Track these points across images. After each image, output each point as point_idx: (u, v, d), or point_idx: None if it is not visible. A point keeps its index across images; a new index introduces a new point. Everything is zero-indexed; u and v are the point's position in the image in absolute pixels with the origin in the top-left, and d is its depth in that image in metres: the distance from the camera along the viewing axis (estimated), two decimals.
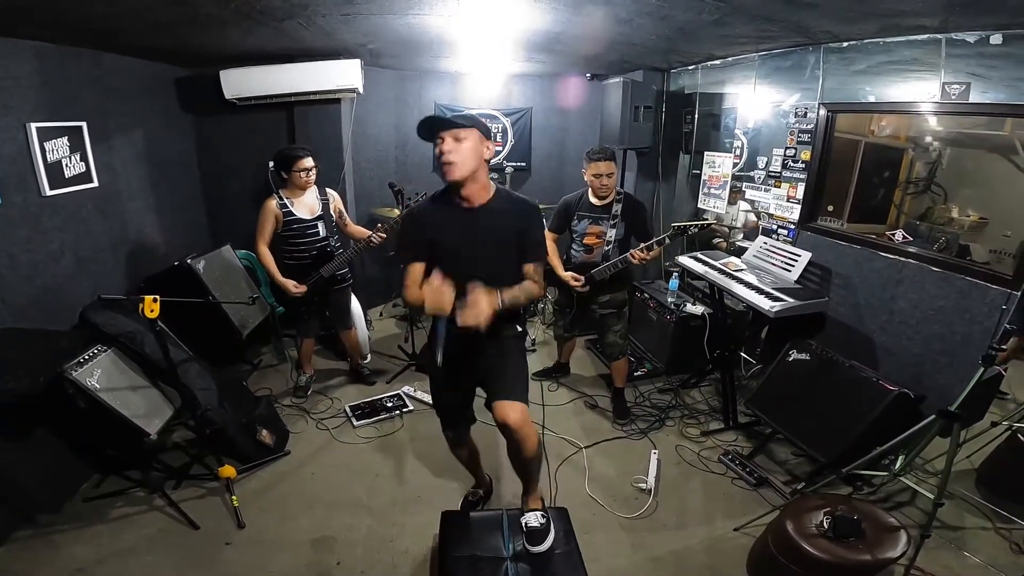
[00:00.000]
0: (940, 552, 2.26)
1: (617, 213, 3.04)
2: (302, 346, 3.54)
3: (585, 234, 3.11)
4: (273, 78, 3.70)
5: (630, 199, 3.12)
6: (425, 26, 2.88)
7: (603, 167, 2.96)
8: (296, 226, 3.14)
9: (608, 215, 3.06)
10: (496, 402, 1.90)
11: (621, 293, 3.19)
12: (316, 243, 3.21)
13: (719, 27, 2.78)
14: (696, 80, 4.20)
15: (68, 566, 2.15)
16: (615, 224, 3.04)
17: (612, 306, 3.16)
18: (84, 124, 2.97)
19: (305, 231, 3.17)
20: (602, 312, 3.17)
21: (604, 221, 3.07)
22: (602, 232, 3.07)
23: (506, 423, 1.86)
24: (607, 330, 3.21)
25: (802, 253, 3.21)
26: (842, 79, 3.02)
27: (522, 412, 1.88)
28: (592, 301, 3.16)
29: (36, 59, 2.67)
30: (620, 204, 3.05)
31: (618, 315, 3.19)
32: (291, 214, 3.12)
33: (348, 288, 3.49)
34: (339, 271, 3.30)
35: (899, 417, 2.37)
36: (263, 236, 3.09)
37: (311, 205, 3.19)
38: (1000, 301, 2.32)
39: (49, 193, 2.73)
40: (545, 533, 1.95)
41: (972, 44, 2.37)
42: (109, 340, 2.57)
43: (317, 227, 3.19)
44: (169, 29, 2.72)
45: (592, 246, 3.10)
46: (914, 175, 4.15)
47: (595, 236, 3.09)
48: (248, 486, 2.67)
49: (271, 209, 3.07)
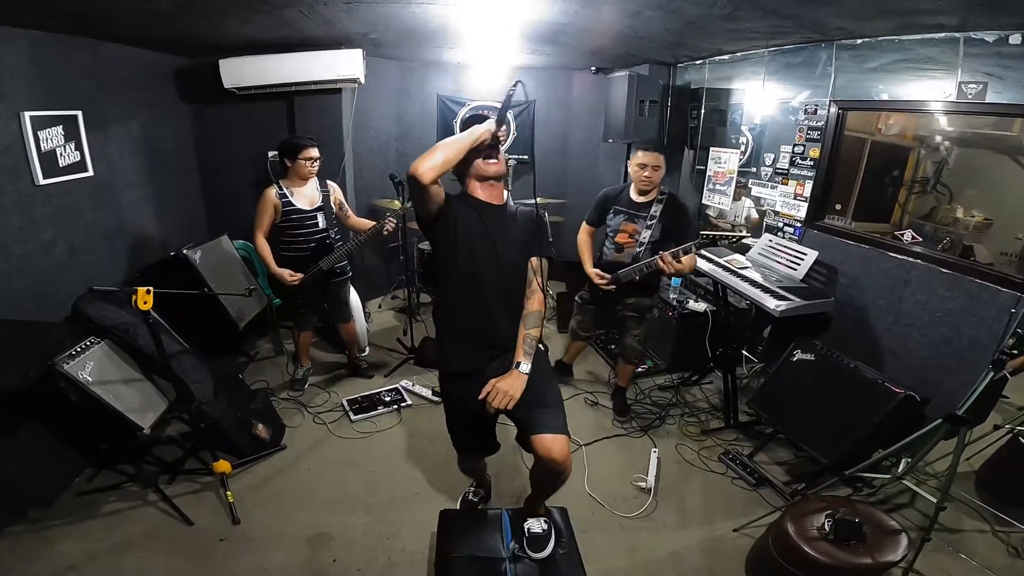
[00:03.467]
0: (938, 555, 2.24)
1: (656, 214, 2.87)
2: (299, 339, 3.50)
3: (618, 231, 2.98)
4: (273, 67, 3.64)
5: (674, 201, 2.92)
6: (428, 16, 2.82)
7: (648, 158, 2.79)
8: (295, 217, 3.10)
9: (646, 214, 2.89)
10: (539, 436, 1.77)
11: (647, 299, 3.06)
12: (315, 235, 3.17)
13: (730, 22, 2.73)
14: (703, 75, 4.15)
15: (60, 562, 2.11)
16: (651, 225, 2.87)
17: (635, 310, 3.07)
18: (79, 113, 2.92)
19: (304, 222, 3.12)
20: (625, 313, 3.09)
21: (640, 220, 2.91)
22: (636, 231, 2.92)
23: (552, 459, 1.75)
24: (626, 332, 3.15)
25: (808, 252, 3.17)
26: (854, 76, 2.97)
27: (566, 445, 1.78)
28: (617, 302, 3.07)
29: (31, 47, 2.63)
30: (661, 205, 2.87)
31: (639, 320, 3.10)
32: (290, 204, 3.08)
33: (347, 281, 3.45)
34: (338, 264, 3.26)
35: (904, 420, 2.35)
36: (261, 226, 3.06)
37: (311, 196, 3.15)
38: (1009, 304, 2.29)
39: (43, 182, 2.68)
40: (547, 540, 1.92)
41: (991, 44, 2.33)
42: (102, 332, 2.51)
43: (316, 218, 3.15)
44: (167, 17, 2.65)
45: (623, 245, 2.97)
46: (920, 174, 4.11)
47: (628, 235, 2.95)
48: (243, 481, 2.64)
49: (270, 199, 3.03)
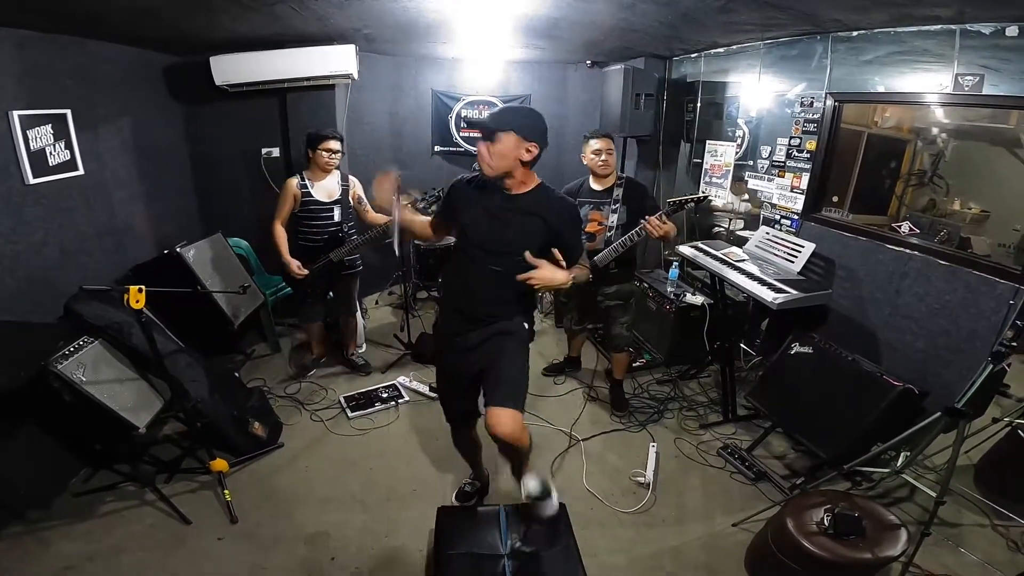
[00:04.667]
0: (937, 549, 2.24)
1: (619, 197, 2.98)
2: (309, 331, 3.61)
3: (587, 221, 3.04)
4: (265, 64, 3.61)
5: (631, 182, 3.07)
6: (421, 10, 2.79)
7: (602, 143, 2.94)
8: (312, 207, 3.17)
9: (609, 199, 3.00)
10: (488, 408, 1.80)
11: (628, 284, 3.15)
12: (329, 227, 3.23)
13: (724, 14, 2.70)
14: (699, 68, 4.13)
15: (57, 563, 2.11)
16: (616, 209, 2.98)
17: (619, 297, 3.11)
18: (69, 112, 2.89)
19: (320, 214, 3.19)
20: (608, 303, 3.12)
21: (605, 206, 3.01)
22: (603, 218, 3.01)
23: (494, 432, 1.75)
24: (613, 321, 3.17)
25: (806, 244, 3.15)
26: (850, 69, 2.96)
27: (514, 421, 1.76)
28: (597, 292, 3.11)
29: (18, 46, 2.60)
30: (621, 189, 2.99)
31: (624, 307, 3.14)
32: (309, 195, 3.15)
33: (357, 275, 3.50)
34: (348, 257, 3.31)
35: (903, 413, 2.34)
36: (280, 214, 3.16)
37: (330, 189, 3.22)
38: (1008, 296, 2.28)
39: (32, 181, 2.65)
40: (548, 492, 1.87)
41: (987, 36, 2.31)
42: (96, 332, 2.50)
43: (333, 211, 3.22)
44: (156, 14, 2.62)
45: (594, 233, 3.03)
46: (917, 167, 4.11)
47: (596, 223, 3.03)
48: (241, 480, 2.63)
49: (291, 188, 3.13)
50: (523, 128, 1.77)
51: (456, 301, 1.99)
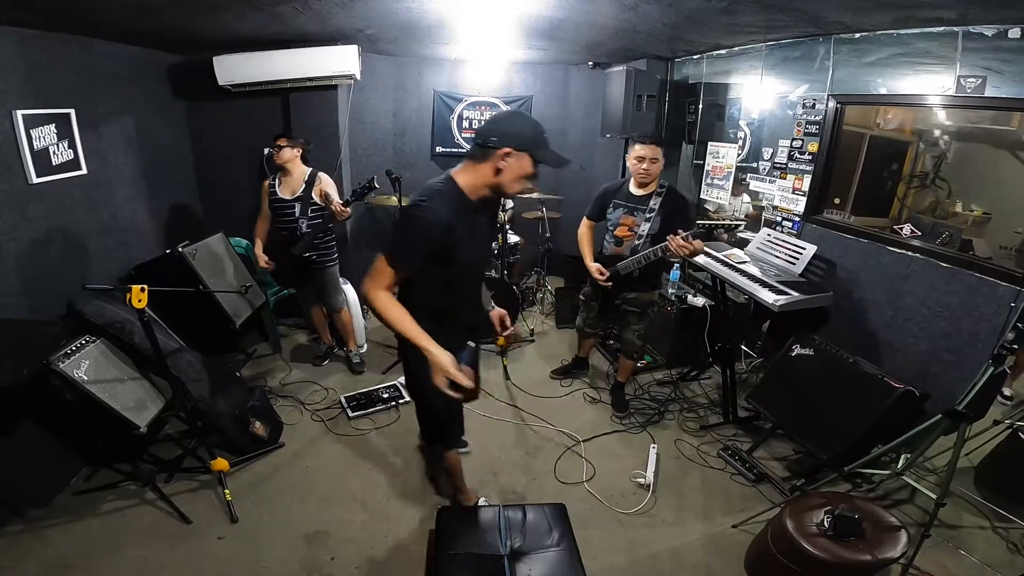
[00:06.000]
0: (937, 551, 2.24)
1: (655, 207, 2.86)
2: (312, 317, 3.75)
3: (617, 224, 2.98)
4: (268, 64, 3.63)
5: (673, 194, 2.90)
6: (424, 11, 2.80)
7: (646, 151, 2.78)
8: (276, 204, 3.28)
9: (645, 207, 2.88)
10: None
11: (648, 295, 3.05)
12: (290, 223, 3.28)
13: (728, 15, 2.70)
14: (701, 69, 4.13)
15: (57, 561, 2.11)
16: (650, 218, 2.86)
17: (637, 305, 3.05)
18: (72, 111, 2.91)
19: (283, 210, 3.27)
20: (626, 308, 3.07)
21: (639, 213, 2.90)
22: (635, 224, 2.91)
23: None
24: (626, 326, 3.13)
25: (807, 246, 3.16)
26: (853, 71, 2.96)
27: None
28: (617, 296, 3.06)
29: (21, 45, 2.62)
30: (660, 198, 2.86)
31: (640, 315, 3.09)
32: (275, 193, 3.27)
33: (324, 270, 3.46)
34: (306, 252, 3.32)
35: (903, 415, 2.34)
36: (260, 212, 3.35)
37: (293, 186, 3.27)
38: (1009, 298, 2.28)
39: (36, 181, 2.67)
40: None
41: (990, 38, 2.31)
42: (97, 330, 2.51)
43: (294, 208, 3.26)
44: (157, 12, 2.62)
45: (622, 238, 2.96)
46: (919, 169, 4.10)
47: (627, 228, 2.94)
48: (241, 479, 2.64)
49: (264, 187, 3.33)
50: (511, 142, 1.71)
51: (466, 320, 1.96)
